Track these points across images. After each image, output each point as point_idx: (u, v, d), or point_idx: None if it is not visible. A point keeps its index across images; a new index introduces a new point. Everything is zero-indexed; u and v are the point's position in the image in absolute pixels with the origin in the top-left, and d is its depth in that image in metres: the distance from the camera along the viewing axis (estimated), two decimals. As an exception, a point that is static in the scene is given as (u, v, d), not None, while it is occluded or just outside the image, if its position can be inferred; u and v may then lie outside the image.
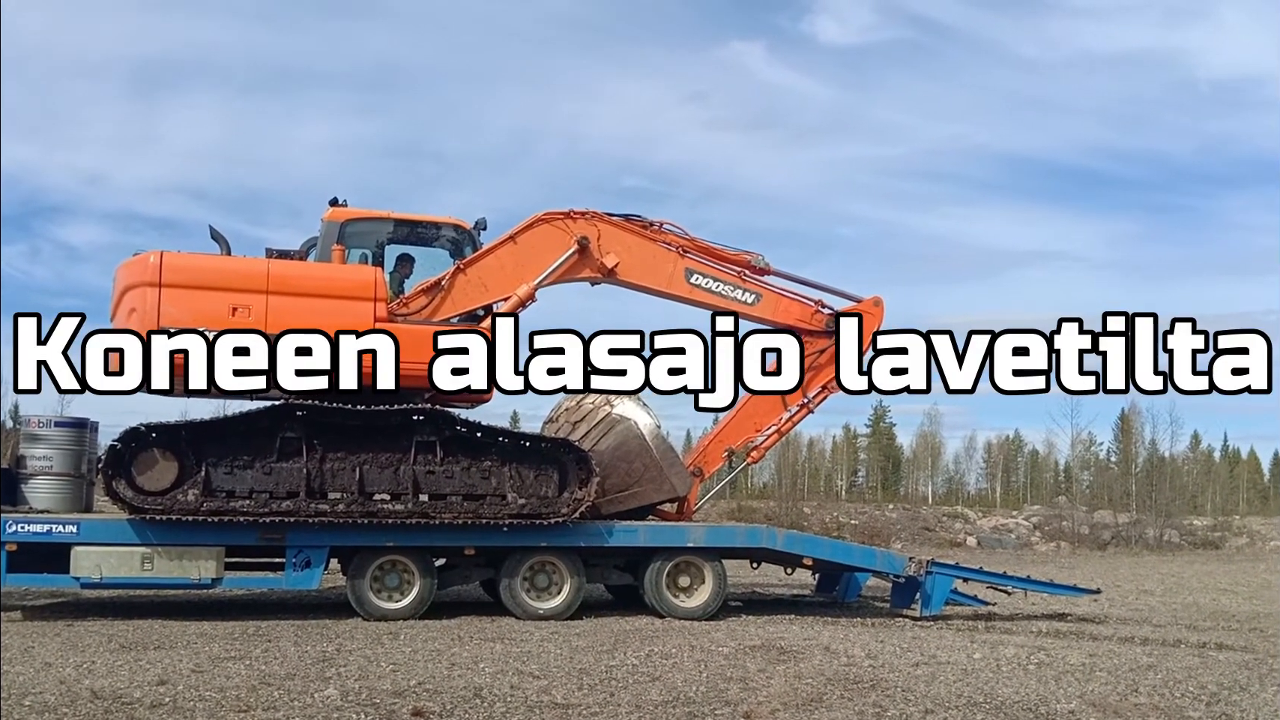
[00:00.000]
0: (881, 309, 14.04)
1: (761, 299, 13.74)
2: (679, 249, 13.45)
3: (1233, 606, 16.17)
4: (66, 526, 11.48)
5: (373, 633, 10.98)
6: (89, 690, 7.73)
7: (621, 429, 12.81)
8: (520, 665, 9.20)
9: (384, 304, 12.04)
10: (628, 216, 13.33)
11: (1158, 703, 8.25)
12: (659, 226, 13.44)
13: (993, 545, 32.46)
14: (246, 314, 11.54)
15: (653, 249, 13.38)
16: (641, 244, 13.35)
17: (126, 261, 11.90)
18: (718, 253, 13.64)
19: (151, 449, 11.58)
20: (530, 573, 12.50)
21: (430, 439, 12.22)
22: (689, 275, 13.43)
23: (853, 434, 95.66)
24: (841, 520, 35.87)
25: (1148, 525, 36.68)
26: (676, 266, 13.41)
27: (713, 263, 13.60)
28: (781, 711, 7.60)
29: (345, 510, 11.80)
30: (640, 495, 12.97)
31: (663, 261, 13.40)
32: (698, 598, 12.93)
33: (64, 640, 10.05)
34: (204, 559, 11.61)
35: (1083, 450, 52.63)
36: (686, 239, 13.51)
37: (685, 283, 13.42)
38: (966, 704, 8.02)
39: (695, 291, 13.46)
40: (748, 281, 13.71)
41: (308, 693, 7.83)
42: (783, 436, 13.91)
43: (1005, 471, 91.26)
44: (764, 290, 13.78)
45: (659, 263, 13.39)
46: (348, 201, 12.69)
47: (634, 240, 13.31)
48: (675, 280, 13.42)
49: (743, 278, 13.69)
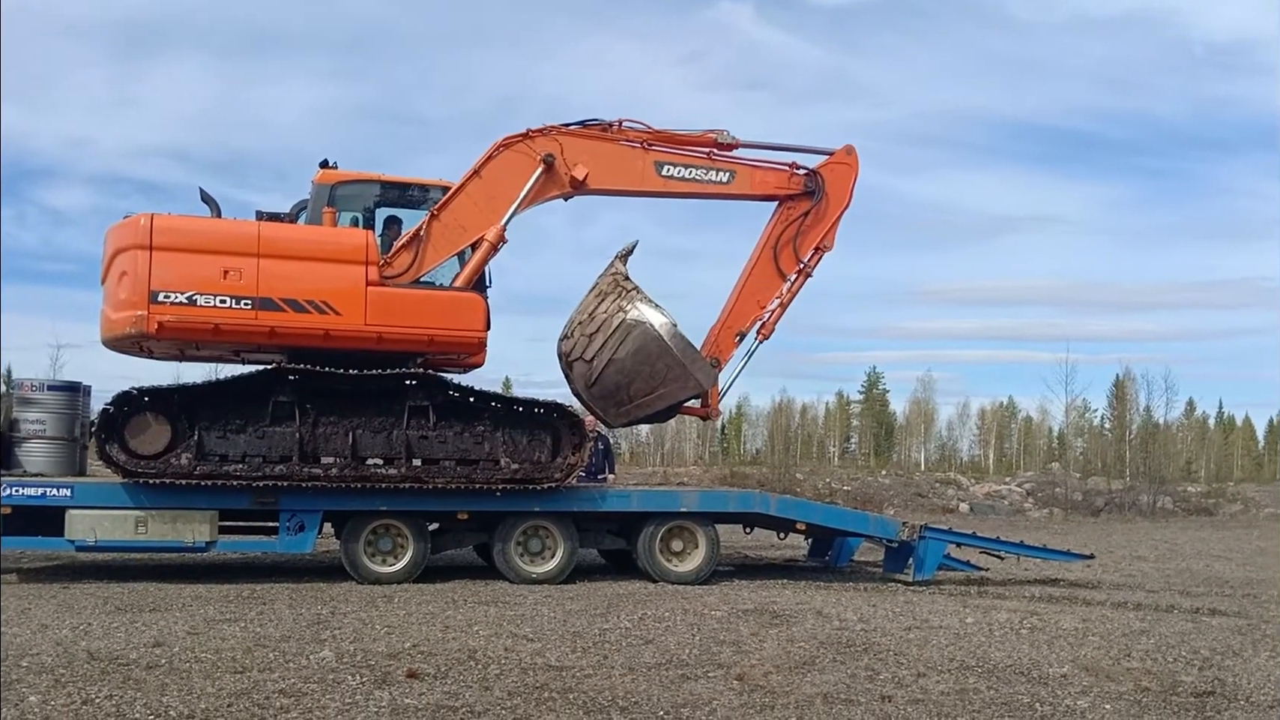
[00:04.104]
0: (855, 157, 13.90)
1: (736, 175, 13.58)
2: (643, 144, 13.25)
3: (1226, 572, 16.25)
4: (60, 490, 11.47)
5: (367, 596, 11.01)
6: (85, 651, 7.75)
7: (639, 333, 12.41)
8: (514, 628, 9.23)
9: (375, 267, 11.97)
10: (584, 123, 13.09)
11: (1150, 667, 8.29)
12: (619, 125, 13.21)
13: (985, 511, 32.57)
14: (238, 277, 11.48)
15: (618, 150, 13.17)
16: (606, 147, 13.13)
17: (117, 224, 11.81)
18: (682, 138, 13.40)
19: (144, 413, 11.57)
20: (524, 537, 12.52)
21: (423, 404, 12.20)
22: (659, 168, 13.23)
23: (846, 400, 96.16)
24: (834, 486, 35.98)
25: (1141, 492, 36.78)
26: (645, 162, 13.21)
27: (680, 149, 13.40)
28: (774, 674, 7.63)
29: (338, 474, 11.80)
30: (667, 395, 12.80)
31: (631, 160, 13.19)
32: (691, 562, 12.96)
33: (60, 602, 10.08)
34: (198, 522, 11.61)
35: (1076, 417, 52.69)
36: (649, 132, 13.28)
37: (657, 176, 13.24)
38: (959, 667, 8.06)
39: (670, 183, 13.31)
40: (718, 160, 13.51)
41: (303, 654, 7.85)
42: (786, 308, 13.75)
43: (998, 438, 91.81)
44: (737, 166, 13.60)
45: (627, 162, 13.18)
46: (338, 164, 12.59)
47: (598, 146, 13.08)
48: (647, 176, 13.23)
49: (712, 158, 13.49)
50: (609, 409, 12.99)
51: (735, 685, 7.26)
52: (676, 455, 77.16)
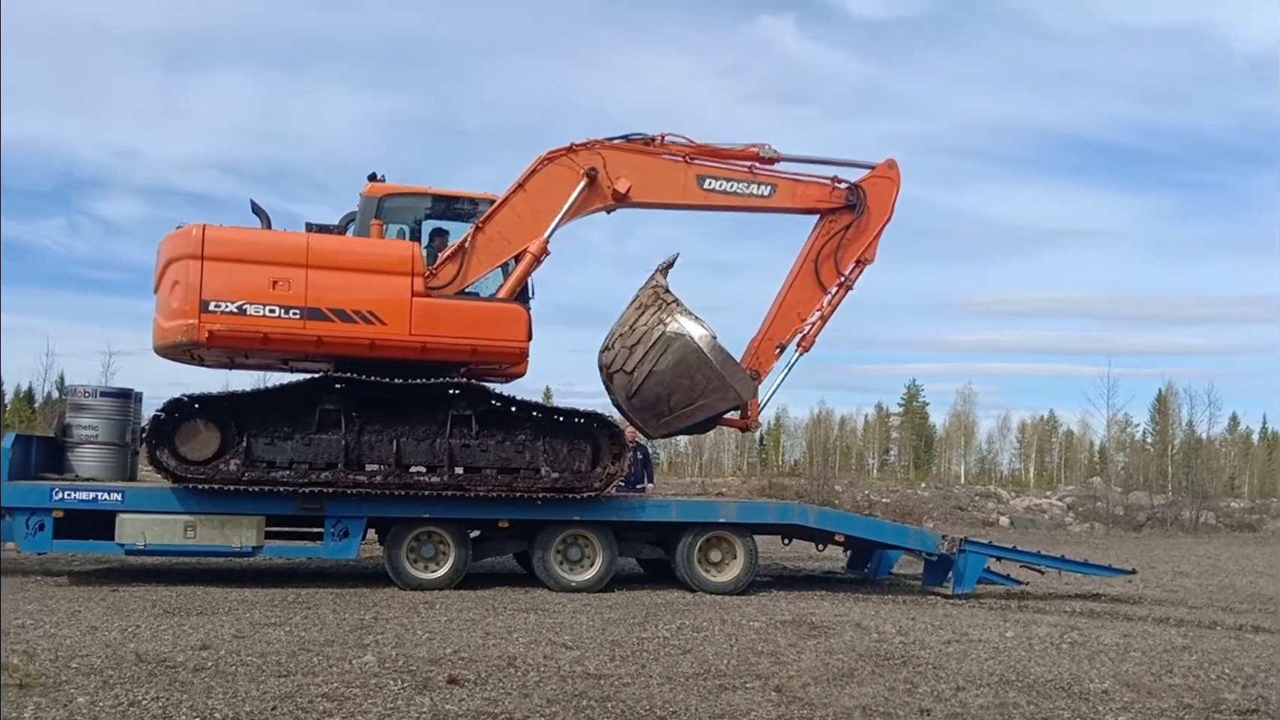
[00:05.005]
0: (897, 171, 13.94)
1: (777, 189, 13.64)
2: (685, 158, 13.35)
3: (1270, 589, 16.02)
4: (111, 494, 11.70)
5: (409, 602, 11.14)
6: (134, 654, 7.91)
7: (679, 345, 12.46)
8: (553, 636, 9.32)
9: (421, 278, 12.13)
10: (628, 137, 13.20)
11: (1193, 684, 8.23)
12: (661, 140, 13.30)
13: (1026, 525, 32.27)
14: (287, 287, 11.69)
15: (660, 163, 13.27)
16: (648, 161, 13.22)
17: (170, 234, 12.04)
18: (725, 152, 13.48)
19: (194, 419, 11.77)
20: (563, 545, 12.61)
21: (466, 413, 12.34)
22: (701, 181, 13.32)
23: (885, 412, 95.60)
24: (873, 498, 35.78)
25: (1184, 507, 36.24)
26: (687, 176, 13.31)
27: (722, 163, 13.48)
28: (812, 686, 7.65)
29: (382, 482, 11.96)
30: (706, 407, 12.87)
31: (673, 174, 13.29)
32: (729, 573, 12.99)
33: (109, 605, 10.29)
34: (245, 527, 11.81)
35: (1118, 431, 52.22)
36: (691, 146, 13.37)
37: (699, 190, 13.31)
38: (998, 682, 8.04)
39: (711, 196, 13.38)
40: (760, 174, 13.58)
41: (346, 659, 7.98)
42: (826, 321, 13.79)
43: (1039, 452, 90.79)
44: (778, 179, 13.66)
45: (669, 176, 13.29)
46: (385, 177, 12.79)
47: (640, 159, 13.18)
48: (689, 190, 13.31)
49: (754, 171, 13.56)
50: (649, 420, 13.07)
51: (773, 696, 7.29)
52: (715, 466, 77.14)
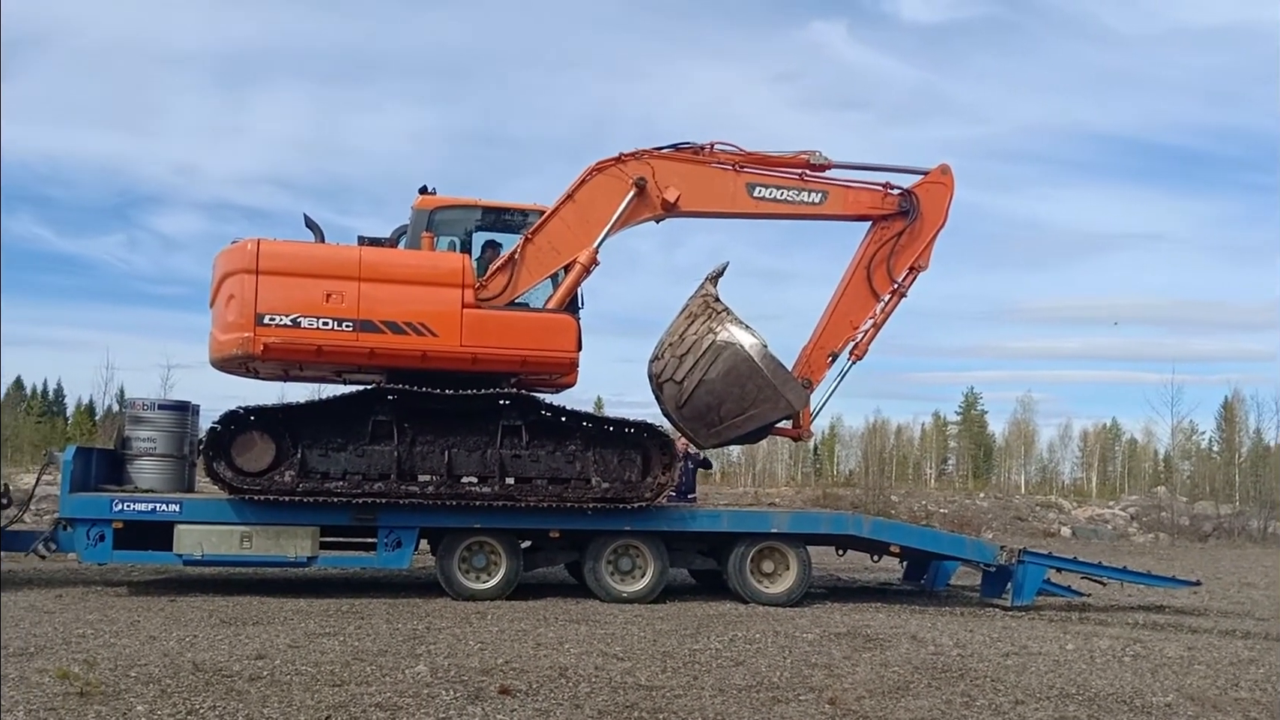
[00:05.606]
0: (950, 176, 13.80)
1: (828, 196, 13.56)
2: (734, 166, 13.30)
3: (1341, 602, 15.57)
4: (170, 506, 11.88)
5: (461, 612, 11.18)
6: (191, 663, 8.00)
7: (729, 354, 12.46)
8: (604, 647, 9.29)
9: (472, 289, 12.20)
10: (676, 146, 13.18)
11: (1259, 698, 8.00)
12: (710, 148, 13.26)
13: (1088, 535, 31.68)
14: (340, 300, 11.81)
15: (709, 172, 13.23)
16: (697, 170, 13.19)
17: (225, 249, 12.23)
18: (774, 160, 13.43)
19: (250, 431, 11.92)
20: (614, 556, 12.59)
21: (516, 423, 12.38)
22: (751, 190, 13.29)
23: (942, 421, 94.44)
24: (930, 508, 35.33)
25: (1251, 516, 35.37)
26: (737, 184, 13.27)
27: (772, 171, 13.43)
28: (867, 699, 7.54)
29: (434, 492, 12.02)
30: (758, 416, 12.83)
31: (722, 182, 13.25)
32: (782, 584, 12.88)
33: (167, 615, 10.43)
34: (300, 538, 11.93)
35: (1183, 439, 51.15)
36: (741, 154, 13.31)
37: (749, 198, 13.29)
38: (1058, 695, 7.87)
39: (761, 204, 13.35)
40: (810, 181, 13.51)
41: (399, 669, 8.00)
42: (880, 329, 13.65)
43: (1101, 461, 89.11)
44: (829, 186, 13.58)
45: (719, 184, 13.25)
46: (436, 190, 12.89)
47: (689, 169, 13.15)
48: (738, 198, 13.29)
49: (804, 179, 13.49)
50: (699, 430, 13.02)
51: (827, 709, 7.20)
52: (768, 476, 76.69)
